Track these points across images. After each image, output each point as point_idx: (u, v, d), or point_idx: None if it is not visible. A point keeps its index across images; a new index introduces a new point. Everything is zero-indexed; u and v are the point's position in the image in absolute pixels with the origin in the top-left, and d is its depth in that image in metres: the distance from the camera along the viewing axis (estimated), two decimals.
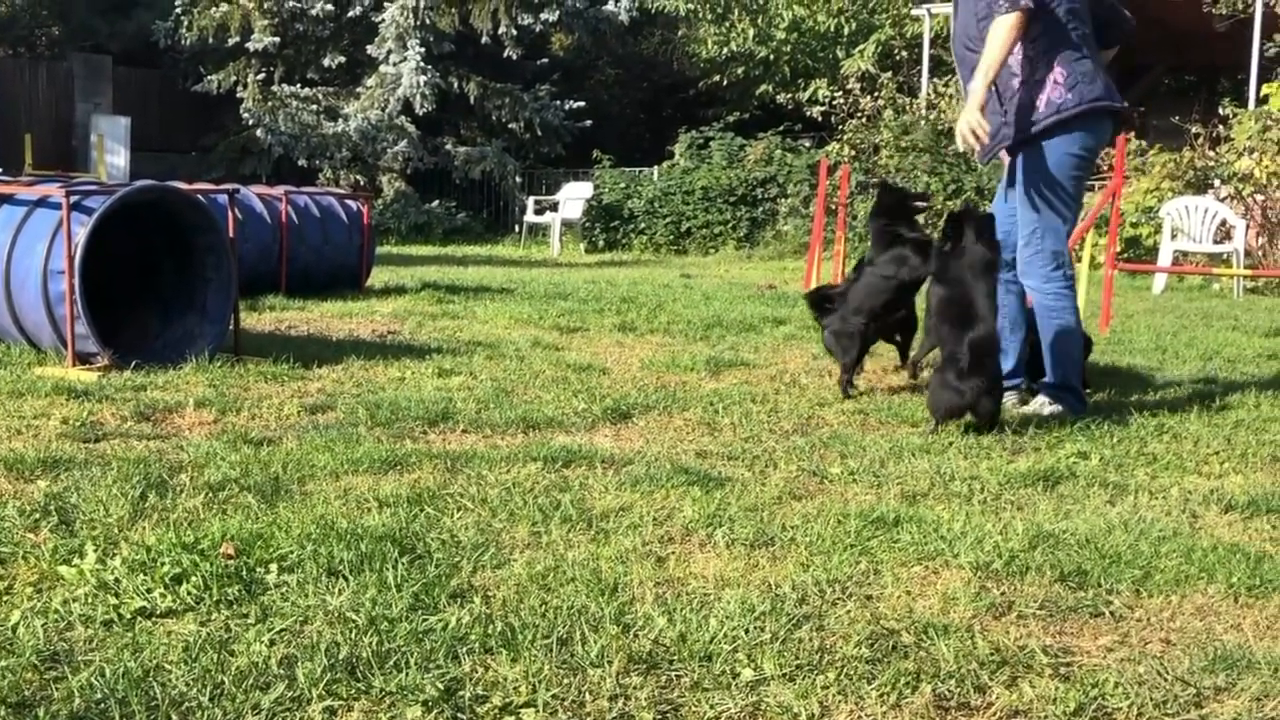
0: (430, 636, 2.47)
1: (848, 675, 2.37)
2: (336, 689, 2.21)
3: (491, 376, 6.03)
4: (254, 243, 9.52)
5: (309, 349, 6.76)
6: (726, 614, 2.65)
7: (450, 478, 3.93)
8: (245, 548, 2.98)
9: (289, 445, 4.29)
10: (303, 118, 22.59)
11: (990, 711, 2.27)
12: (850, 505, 3.65)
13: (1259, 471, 4.35)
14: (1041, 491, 3.93)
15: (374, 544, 3.05)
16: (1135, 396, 5.77)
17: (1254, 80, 17.41)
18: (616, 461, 4.21)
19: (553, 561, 3.03)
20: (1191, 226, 13.92)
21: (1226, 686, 2.41)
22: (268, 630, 2.48)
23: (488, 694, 2.23)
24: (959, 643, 2.55)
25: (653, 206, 20.66)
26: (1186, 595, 2.96)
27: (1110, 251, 8.99)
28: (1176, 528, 3.52)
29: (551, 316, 8.82)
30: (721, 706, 2.23)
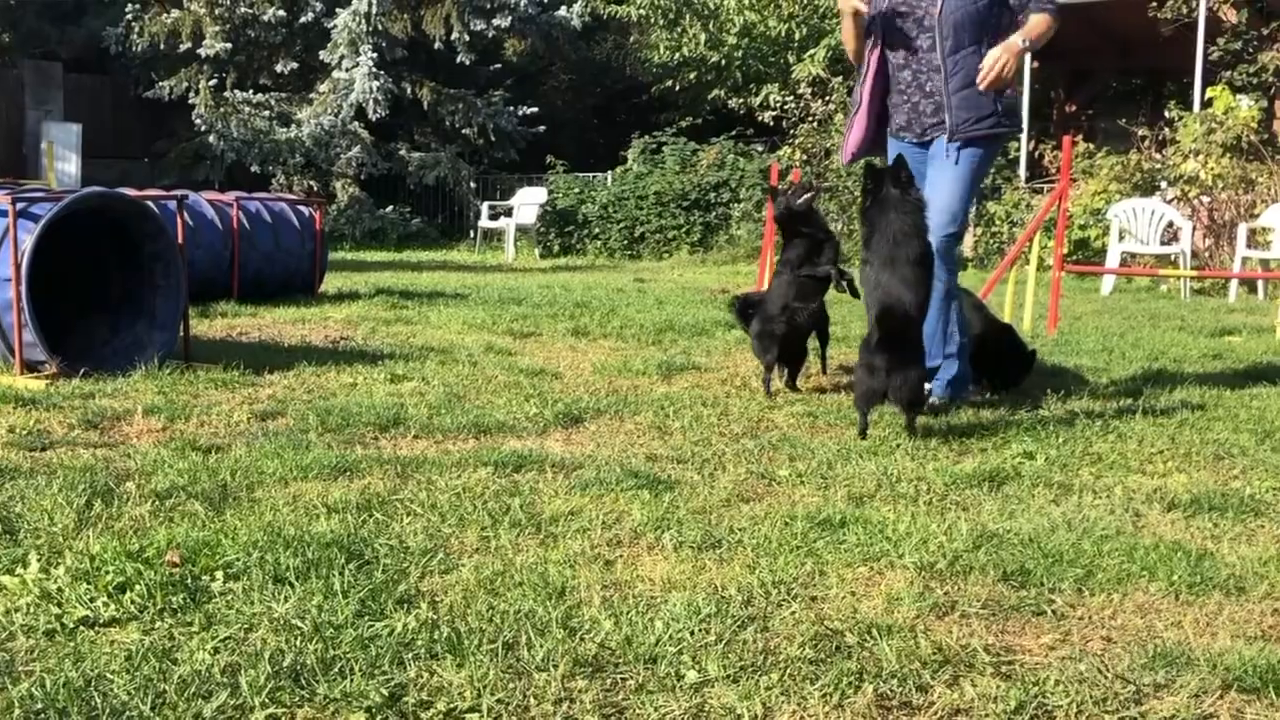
0: (376, 643, 2.47)
1: (791, 676, 2.39)
2: (280, 696, 2.21)
3: (444, 382, 6.02)
4: (205, 249, 9.47)
5: (260, 355, 6.72)
6: (672, 616, 2.67)
7: (400, 483, 3.93)
8: (191, 556, 2.97)
9: (238, 452, 4.27)
10: (255, 124, 22.47)
11: (932, 710, 2.29)
12: (797, 507, 3.68)
13: (1202, 470, 4.40)
14: (987, 492, 3.96)
15: (321, 550, 3.04)
16: (1081, 397, 5.83)
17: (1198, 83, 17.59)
18: (567, 466, 4.22)
19: (501, 566, 3.04)
20: (1139, 228, 14.06)
21: (1166, 683, 2.44)
22: (212, 638, 2.47)
23: (432, 699, 2.24)
24: (902, 642, 2.57)
25: (607, 211, 20.68)
26: (1128, 593, 2.99)
27: (1058, 253, 9.08)
28: (1119, 526, 3.56)
29: (505, 321, 8.82)
30: (666, 709, 2.24)
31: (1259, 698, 2.38)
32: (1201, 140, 15.05)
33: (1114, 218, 14.31)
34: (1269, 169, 14.89)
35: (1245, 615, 2.87)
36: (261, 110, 22.77)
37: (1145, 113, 18.99)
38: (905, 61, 5.52)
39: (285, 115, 22.87)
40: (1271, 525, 3.66)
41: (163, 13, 22.69)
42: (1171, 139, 15.91)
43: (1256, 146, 15.25)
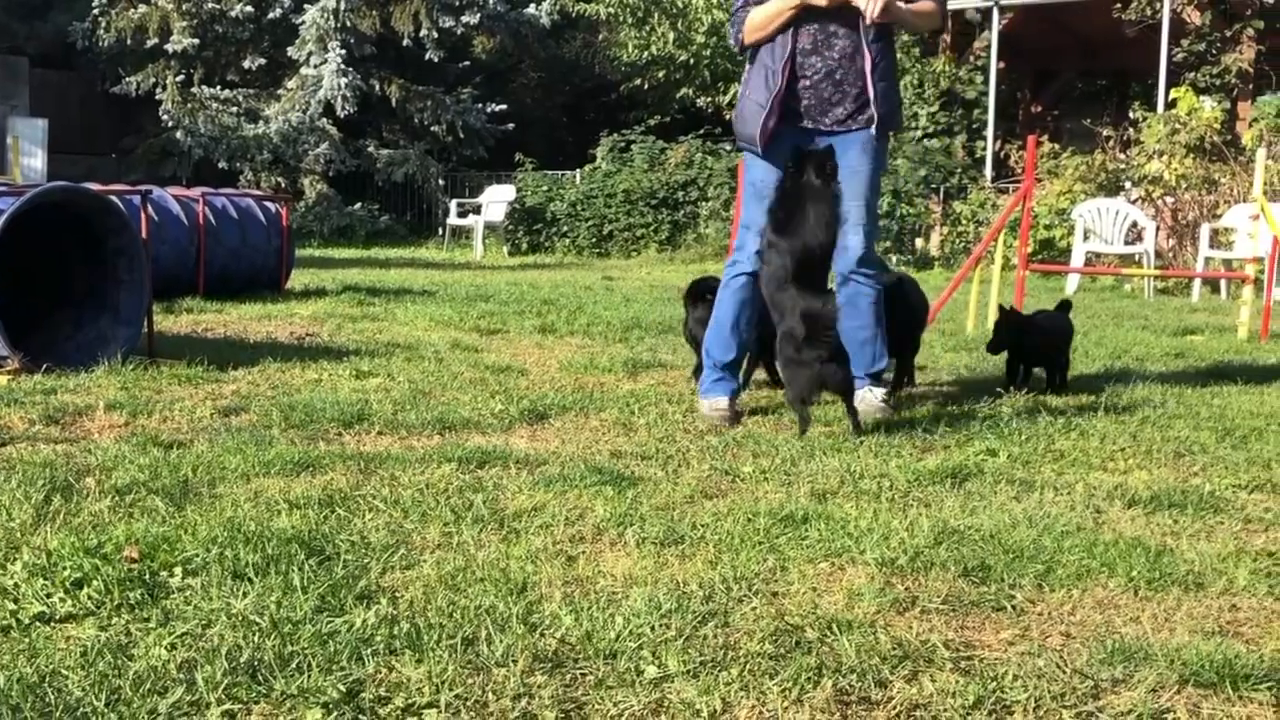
0: (335, 638, 2.46)
1: (751, 671, 2.39)
2: (236, 692, 2.20)
3: (409, 378, 6.00)
4: (170, 245, 9.42)
5: (225, 351, 6.69)
6: (633, 612, 2.66)
7: (363, 479, 3.91)
8: (150, 551, 2.95)
9: (200, 448, 4.25)
10: (223, 120, 22.39)
11: (890, 705, 2.29)
12: (760, 503, 3.68)
13: (1163, 467, 4.43)
14: (949, 488, 3.98)
15: (281, 546, 3.03)
16: (1044, 395, 5.86)
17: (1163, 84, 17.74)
18: (531, 462, 4.21)
19: (462, 562, 3.03)
20: (1103, 228, 14.16)
21: (1124, 678, 2.45)
22: (168, 634, 2.45)
23: (390, 695, 2.23)
24: (862, 638, 2.58)
25: (575, 209, 20.67)
26: (1088, 589, 3.01)
27: (1022, 252, 9.12)
28: (1080, 523, 3.58)
29: (472, 318, 8.81)
30: (625, 704, 2.24)
31: (1215, 692, 2.40)
32: (1165, 141, 15.17)
33: (1079, 217, 14.40)
34: (1231, 169, 15.01)
35: (1203, 611, 2.88)
36: (229, 106, 22.70)
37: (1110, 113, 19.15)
38: (814, 48, 5.31)
39: (253, 111, 22.80)
40: (1230, 522, 3.69)
41: (130, 8, 22.57)
42: (1136, 139, 16.04)
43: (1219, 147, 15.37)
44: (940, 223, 18.23)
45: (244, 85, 23.31)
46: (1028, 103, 23.20)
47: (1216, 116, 15.82)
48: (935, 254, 17.86)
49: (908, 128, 19.47)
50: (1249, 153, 14.74)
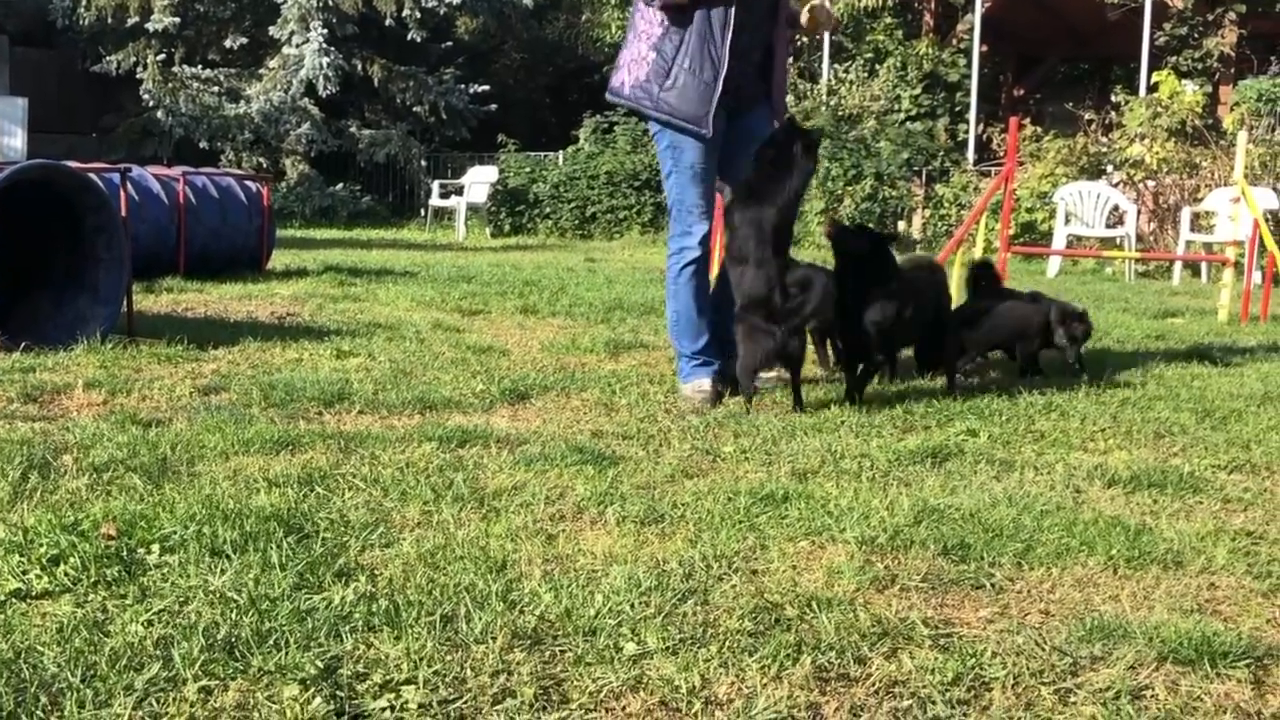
0: (313, 615, 2.45)
1: (730, 648, 2.39)
2: (213, 669, 2.19)
3: (390, 358, 5.99)
4: (150, 224, 9.36)
5: (205, 331, 6.67)
6: (613, 589, 2.66)
7: (343, 458, 3.90)
8: (127, 528, 2.94)
9: (179, 426, 4.23)
10: (204, 99, 22.24)
11: (869, 682, 2.29)
12: (741, 483, 3.68)
13: (1143, 448, 4.45)
14: (930, 468, 3.98)
15: (260, 524, 3.02)
16: (1025, 376, 5.87)
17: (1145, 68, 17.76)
18: (512, 441, 4.20)
19: (442, 540, 3.02)
20: (1085, 211, 14.18)
21: (1102, 655, 2.46)
22: (145, 611, 2.44)
23: (368, 671, 2.22)
24: (841, 615, 2.58)
25: (558, 191, 20.62)
26: (1067, 567, 3.02)
27: (1004, 235, 9.13)
28: (1060, 502, 3.59)
29: (454, 299, 8.79)
30: (603, 680, 2.23)
31: (1194, 669, 2.40)
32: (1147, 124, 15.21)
33: (1060, 201, 14.42)
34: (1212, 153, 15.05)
35: (1182, 589, 2.89)
36: (210, 86, 22.55)
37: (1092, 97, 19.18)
38: (744, 25, 5.19)
39: (234, 91, 22.65)
40: (1209, 502, 3.70)
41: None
42: (1118, 123, 16.07)
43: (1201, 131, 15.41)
44: (922, 205, 18.24)
45: (225, 65, 23.16)
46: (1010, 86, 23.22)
47: (1198, 100, 15.84)
48: (917, 237, 17.86)
49: (891, 110, 19.48)
50: (1230, 136, 14.77)
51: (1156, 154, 14.99)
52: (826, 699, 2.22)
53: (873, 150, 17.88)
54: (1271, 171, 14.34)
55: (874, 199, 17.37)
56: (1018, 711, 2.19)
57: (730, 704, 2.18)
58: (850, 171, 17.52)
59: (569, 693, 2.20)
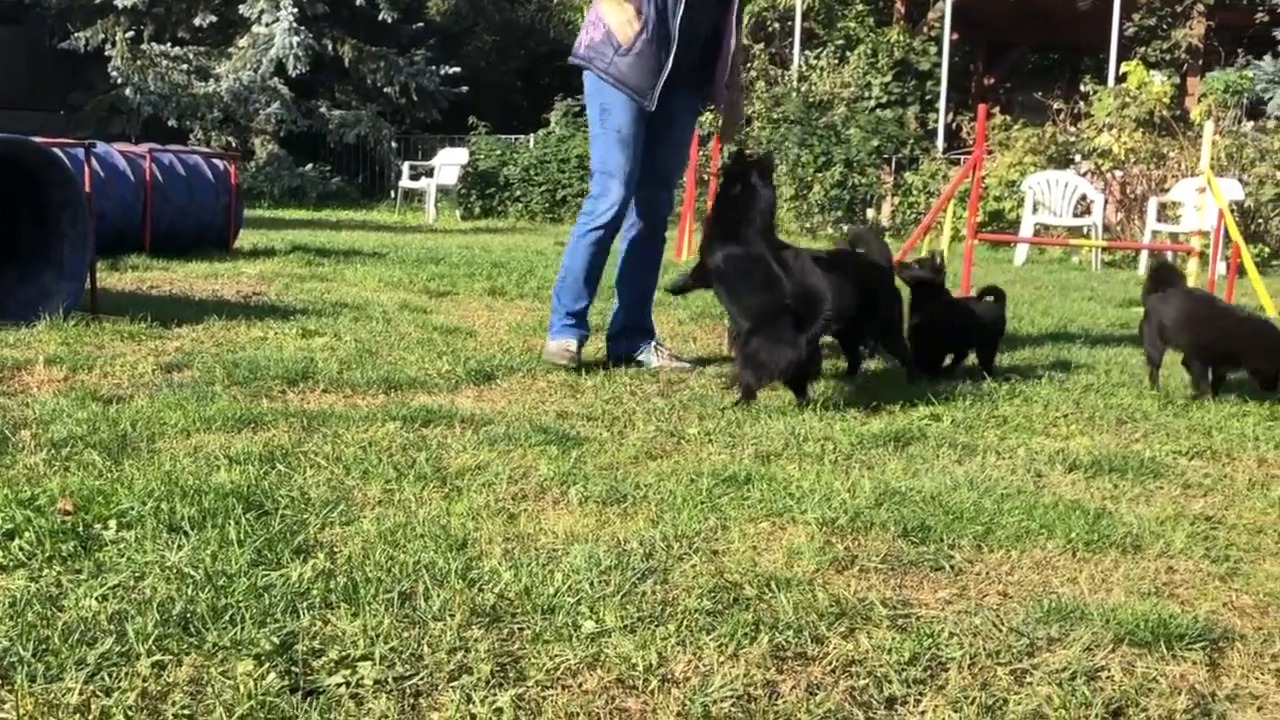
0: (270, 591, 2.44)
1: (688, 627, 2.39)
2: (167, 644, 2.17)
3: (356, 337, 5.96)
4: (116, 201, 9.29)
5: (169, 308, 6.62)
6: (573, 568, 2.66)
7: (306, 436, 3.88)
8: (84, 504, 2.91)
9: (140, 403, 4.20)
10: (173, 77, 22.09)
11: (826, 661, 2.30)
12: (704, 464, 3.68)
13: (1105, 433, 4.47)
14: (892, 451, 3.99)
15: (219, 500, 3.00)
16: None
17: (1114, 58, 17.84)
18: (476, 421, 4.19)
19: (403, 518, 3.01)
20: (1052, 200, 14.25)
21: (1059, 637, 2.47)
22: (100, 586, 2.42)
23: (325, 648, 2.21)
24: (800, 595, 2.58)
25: (529, 174, 20.58)
26: (1026, 550, 3.03)
27: (971, 222, 9.16)
28: (1021, 486, 3.60)
29: (422, 280, 8.76)
30: (561, 658, 2.23)
31: (1150, 651, 2.42)
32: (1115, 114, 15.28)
33: (1028, 189, 14.48)
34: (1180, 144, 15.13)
35: (1140, 572, 2.91)
36: (179, 64, 22.40)
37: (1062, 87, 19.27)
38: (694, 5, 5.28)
39: (204, 69, 22.51)
40: (1170, 486, 3.72)
41: None
42: (1086, 113, 16.15)
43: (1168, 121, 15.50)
44: (891, 193, 18.28)
45: (194, 43, 23.00)
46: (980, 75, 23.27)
47: (1166, 91, 15.93)
48: (886, 224, 17.91)
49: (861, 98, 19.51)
50: (1197, 127, 14.85)
51: (1124, 144, 15.07)
52: (783, 677, 2.23)
53: (843, 137, 17.91)
54: (1237, 163, 14.43)
55: (843, 186, 17.40)
56: (973, 691, 2.20)
57: (687, 681, 2.18)
58: (820, 158, 17.54)
59: (526, 670, 2.19)
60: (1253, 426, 4.61)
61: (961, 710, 2.13)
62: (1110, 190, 15.29)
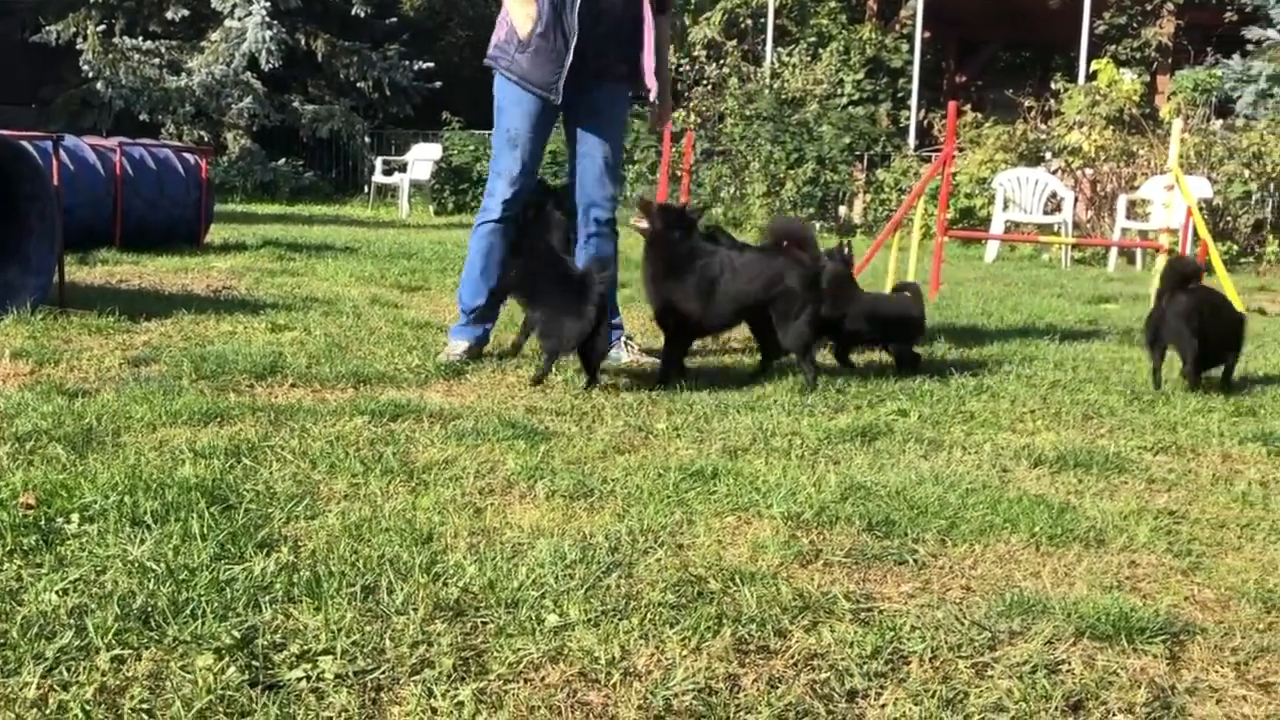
0: (232, 586, 2.43)
1: (651, 620, 2.39)
2: (127, 638, 2.17)
3: (326, 332, 5.94)
4: (86, 195, 9.23)
5: (138, 303, 6.59)
6: (538, 562, 2.66)
7: (273, 430, 3.87)
8: (47, 498, 2.90)
9: (106, 397, 4.18)
10: (145, 71, 21.95)
11: (788, 654, 2.30)
12: (671, 459, 3.68)
13: (1071, 429, 4.49)
14: (859, 446, 4.01)
15: (183, 494, 2.99)
16: (958, 358, 5.92)
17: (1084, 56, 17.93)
18: (445, 416, 4.18)
19: (368, 512, 3.01)
20: (1023, 198, 14.30)
21: (1021, 630, 2.48)
22: (61, 580, 2.41)
23: (286, 642, 2.21)
24: (763, 589, 2.59)
25: None
26: (990, 544, 3.04)
27: (941, 219, 9.19)
28: (986, 480, 3.62)
29: (393, 275, 8.75)
30: (524, 651, 2.23)
31: (1110, 644, 2.43)
32: (1086, 112, 15.35)
33: (999, 187, 14.53)
34: (1149, 142, 15.21)
35: (1103, 566, 2.93)
36: (151, 58, 22.25)
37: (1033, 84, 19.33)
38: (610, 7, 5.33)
39: (176, 63, 22.38)
40: (1134, 481, 3.75)
41: None
42: (1057, 110, 16.21)
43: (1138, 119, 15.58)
44: (863, 190, 18.32)
45: (166, 36, 22.85)
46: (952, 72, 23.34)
47: (1136, 89, 16.01)
48: (858, 221, 17.96)
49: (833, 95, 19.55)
50: (1166, 125, 14.93)
51: (1094, 142, 15.13)
52: (745, 670, 2.23)
53: (815, 134, 17.93)
54: (1206, 161, 14.51)
55: (815, 183, 17.44)
56: (934, 684, 2.21)
57: (649, 675, 2.18)
58: (792, 155, 17.57)
59: (488, 663, 2.19)
60: (1218, 422, 4.64)
61: (922, 703, 2.14)
62: (1080, 188, 15.36)
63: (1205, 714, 2.19)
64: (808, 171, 17.45)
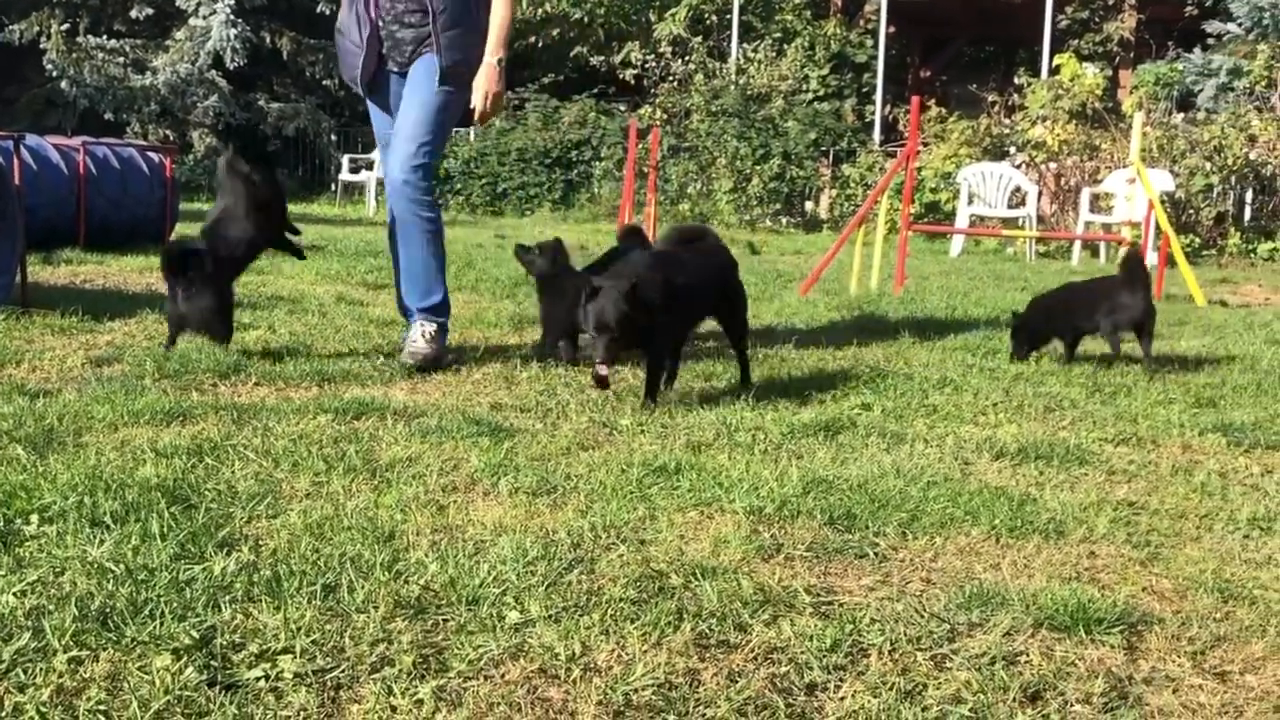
0: (191, 585, 2.42)
1: (612, 616, 2.40)
2: (85, 639, 2.16)
3: (290, 330, 5.93)
4: (49, 194, 9.17)
5: (102, 302, 6.55)
6: (499, 559, 2.66)
7: (235, 429, 3.85)
8: (6, 499, 2.88)
9: (68, 397, 4.16)
10: (109, 70, 21.83)
11: (749, 648, 2.31)
12: (635, 455, 3.69)
13: (1033, 421, 4.52)
14: (822, 441, 4.02)
15: (144, 494, 2.98)
16: (922, 352, 5.95)
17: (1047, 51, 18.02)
18: (409, 413, 4.18)
19: (331, 510, 3.00)
20: (987, 192, 14.37)
21: (980, 622, 2.50)
22: (19, 581, 2.39)
23: (245, 641, 2.20)
24: (725, 584, 2.60)
25: (469, 167, 20.52)
26: (950, 537, 3.06)
27: (905, 213, 9.22)
28: (947, 473, 3.64)
29: (359, 273, 8.73)
30: (484, 648, 2.23)
31: (1069, 635, 2.45)
32: (1049, 107, 15.44)
33: (963, 181, 14.59)
34: (1112, 136, 15.30)
35: (1062, 558, 2.95)
36: (116, 57, 22.14)
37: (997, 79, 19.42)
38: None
39: (140, 62, 22.27)
40: (1095, 473, 3.77)
41: None
42: (1020, 105, 16.29)
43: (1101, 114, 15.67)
44: (829, 185, 18.37)
45: (131, 35, 22.74)
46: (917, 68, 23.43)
47: (1098, 83, 16.10)
48: (824, 217, 18.01)
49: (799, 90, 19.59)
50: (1128, 119, 15.02)
51: (1058, 136, 15.21)
52: (705, 665, 2.24)
53: (780, 130, 17.97)
54: (1168, 154, 14.61)
55: (781, 178, 17.48)
56: (893, 677, 2.22)
57: (609, 671, 2.19)
58: (758, 151, 17.61)
59: (449, 661, 2.19)
60: (1178, 414, 4.67)
61: (880, 695, 2.15)
62: (1044, 182, 15.44)
63: (1162, 703, 2.21)
64: (774, 167, 17.49)
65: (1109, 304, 5.63)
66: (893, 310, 7.64)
